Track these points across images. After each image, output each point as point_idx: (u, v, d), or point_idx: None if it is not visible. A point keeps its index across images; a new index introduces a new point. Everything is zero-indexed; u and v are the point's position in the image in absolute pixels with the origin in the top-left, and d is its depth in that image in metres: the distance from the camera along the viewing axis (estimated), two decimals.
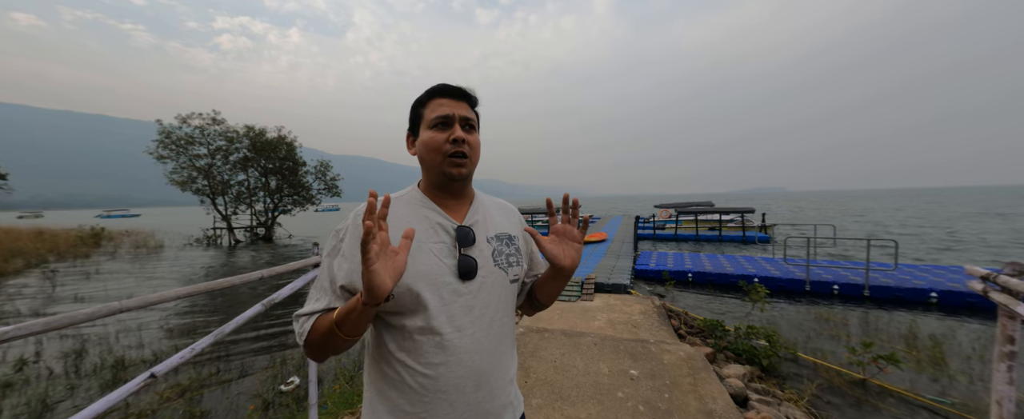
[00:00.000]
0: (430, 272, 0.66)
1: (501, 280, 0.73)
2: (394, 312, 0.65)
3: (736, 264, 8.53)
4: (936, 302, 5.98)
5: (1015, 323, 0.99)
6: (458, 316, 0.66)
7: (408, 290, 0.63)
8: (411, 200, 0.73)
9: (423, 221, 0.70)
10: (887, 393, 3.29)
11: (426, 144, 0.70)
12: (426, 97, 0.72)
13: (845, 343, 4.32)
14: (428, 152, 0.70)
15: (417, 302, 0.64)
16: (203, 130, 19.09)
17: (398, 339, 0.66)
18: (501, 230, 0.78)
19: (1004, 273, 1.00)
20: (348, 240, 0.67)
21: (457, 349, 0.66)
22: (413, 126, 0.74)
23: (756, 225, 16.86)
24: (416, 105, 0.73)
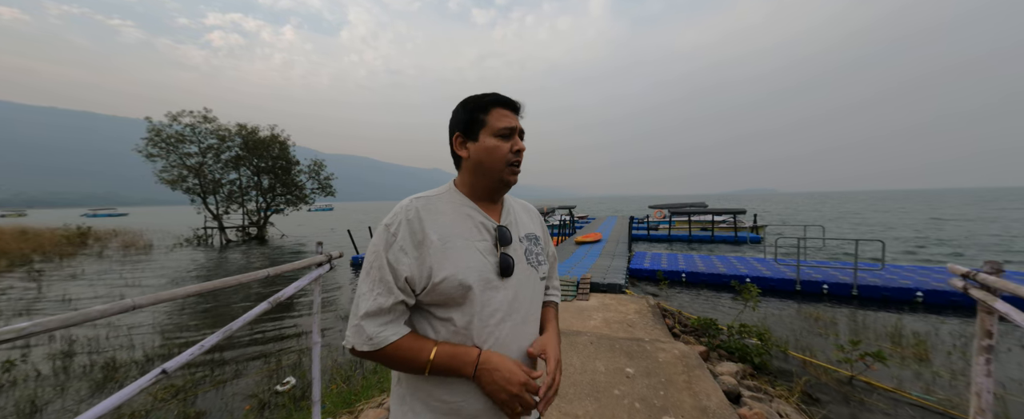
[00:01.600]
0: (478, 267, 0.71)
1: (533, 277, 0.80)
2: (441, 304, 0.70)
3: (728, 264, 8.66)
4: (921, 301, 6.14)
5: (993, 318, 1.05)
6: (500, 309, 0.72)
7: (459, 284, 0.68)
8: (452, 200, 0.77)
9: (467, 220, 0.75)
10: (874, 390, 3.39)
11: (491, 151, 0.74)
12: (489, 104, 0.75)
13: (834, 341, 4.42)
14: (491, 158, 0.74)
15: (465, 295, 0.69)
16: (194, 128, 18.80)
17: (441, 331, 0.70)
18: (529, 230, 0.85)
19: (983, 271, 1.06)
20: (402, 234, 0.69)
21: (499, 341, 0.71)
22: (469, 129, 0.75)
23: (748, 226, 17.10)
24: (474, 109, 0.75)
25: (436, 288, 0.68)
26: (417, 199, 0.74)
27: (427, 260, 0.68)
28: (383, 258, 0.68)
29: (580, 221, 23.62)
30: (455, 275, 0.68)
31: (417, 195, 0.75)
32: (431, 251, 0.69)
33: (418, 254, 0.68)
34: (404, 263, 0.68)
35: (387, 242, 0.69)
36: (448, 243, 0.70)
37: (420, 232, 0.70)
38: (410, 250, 0.68)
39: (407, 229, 0.70)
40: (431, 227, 0.70)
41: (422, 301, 0.71)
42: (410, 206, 0.73)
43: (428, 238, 0.69)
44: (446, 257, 0.69)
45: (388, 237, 0.69)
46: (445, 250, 0.69)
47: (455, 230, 0.72)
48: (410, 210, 0.72)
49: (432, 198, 0.75)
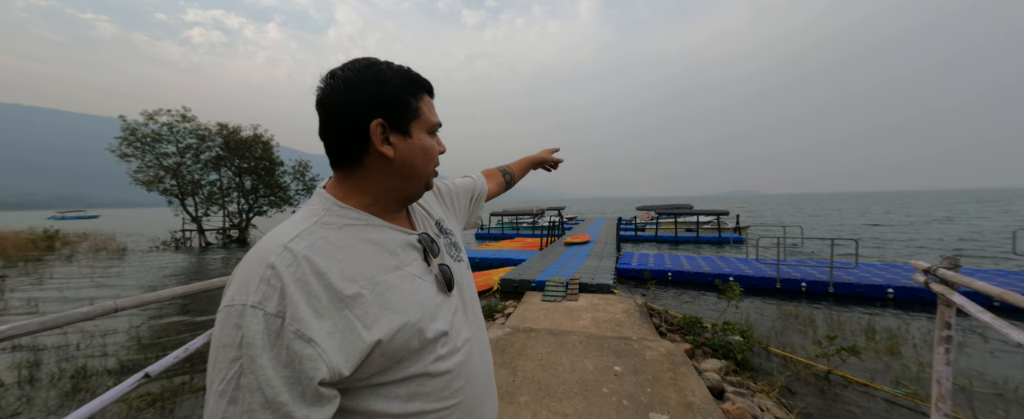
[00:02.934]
0: (426, 298, 0.53)
1: (465, 272, 0.66)
2: (386, 369, 0.48)
3: (712, 264, 8.88)
4: (892, 297, 6.44)
5: (951, 311, 1.13)
6: (461, 330, 0.58)
7: (418, 330, 0.50)
8: (347, 222, 0.52)
9: (385, 243, 0.54)
10: (849, 383, 3.54)
11: (426, 151, 0.56)
12: (418, 89, 0.56)
13: (812, 337, 4.59)
14: (425, 160, 0.57)
15: (423, 338, 0.51)
16: (171, 127, 18.16)
17: (403, 393, 0.50)
18: (437, 216, 0.70)
19: (942, 266, 1.13)
20: (296, 307, 0.42)
21: (469, 364, 0.58)
22: (399, 121, 0.53)
23: (731, 227, 17.58)
24: (404, 93, 0.54)
25: (384, 353, 0.46)
26: (295, 240, 0.46)
27: (355, 325, 0.44)
28: (264, 364, 0.39)
29: (569, 222, 23.82)
30: (409, 322, 0.49)
31: (288, 236, 0.46)
32: (355, 307, 0.45)
33: (336, 323, 0.44)
34: (314, 354, 0.41)
35: (266, 332, 0.40)
36: (375, 286, 0.48)
37: (323, 289, 0.44)
38: (316, 325, 0.42)
39: (301, 294, 0.42)
40: (338, 275, 0.46)
41: (353, 384, 0.47)
42: (288, 256, 0.44)
43: (341, 292, 0.45)
44: (383, 304, 0.48)
45: (265, 323, 0.40)
46: (376, 296, 0.48)
47: (375, 264, 0.50)
48: (293, 262, 0.44)
49: (314, 229, 0.49)
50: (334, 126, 0.52)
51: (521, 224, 22.62)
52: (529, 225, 21.90)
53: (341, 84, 0.51)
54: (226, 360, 0.40)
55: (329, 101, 0.51)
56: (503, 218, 22.68)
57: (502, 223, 22.53)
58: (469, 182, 0.89)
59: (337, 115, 0.51)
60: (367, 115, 0.51)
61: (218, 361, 0.40)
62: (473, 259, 11.01)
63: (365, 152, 0.53)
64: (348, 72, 0.52)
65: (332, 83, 0.51)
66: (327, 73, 0.53)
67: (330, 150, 0.54)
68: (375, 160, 0.53)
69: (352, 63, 0.53)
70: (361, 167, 0.54)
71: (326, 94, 0.51)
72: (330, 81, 0.52)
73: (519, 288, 6.97)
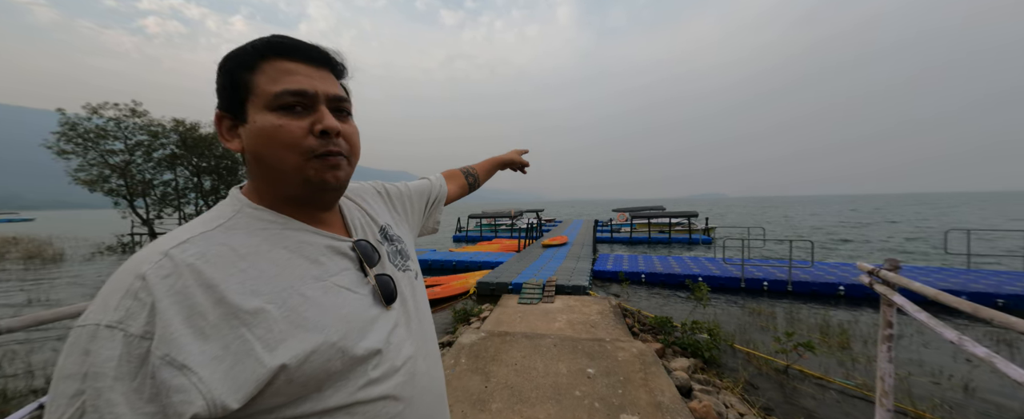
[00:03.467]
0: (354, 312, 0.46)
1: (412, 282, 0.59)
2: (309, 396, 0.41)
3: (683, 264, 9.21)
4: (843, 295, 6.92)
5: (892, 310, 1.20)
6: (401, 347, 0.50)
7: (334, 350, 0.42)
8: (257, 225, 0.45)
9: (305, 249, 0.46)
10: (805, 377, 3.74)
11: (271, 135, 0.43)
12: (256, 55, 0.44)
13: (772, 334, 4.84)
14: (274, 148, 0.43)
15: (347, 358, 0.43)
16: (119, 122, 16.72)
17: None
18: (383, 221, 0.63)
19: (884, 268, 1.21)
20: (167, 325, 0.34)
21: (411, 385, 0.50)
22: (232, 107, 0.45)
23: (700, 228, 18.35)
24: (235, 67, 0.44)
25: (293, 379, 0.39)
26: (181, 246, 0.39)
27: (252, 346, 0.37)
28: (114, 400, 0.32)
29: (547, 224, 24.05)
30: (328, 341, 0.41)
31: (173, 242, 0.39)
32: (256, 325, 0.38)
33: (227, 345, 0.36)
34: (186, 384, 0.33)
35: (125, 358, 0.33)
36: (286, 300, 0.41)
37: (212, 304, 0.37)
38: (196, 348, 0.35)
39: (178, 310, 0.35)
40: (237, 287, 0.39)
41: (254, 417, 0.39)
42: (166, 265, 0.37)
43: (239, 308, 0.38)
44: (295, 321, 0.40)
45: (125, 347, 0.33)
46: (286, 311, 0.40)
47: (289, 274, 0.43)
48: (172, 273, 0.36)
49: (213, 234, 0.41)
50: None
51: (499, 226, 22.57)
52: (507, 227, 21.88)
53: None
54: (66, 396, 0.32)
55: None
56: (481, 220, 22.56)
57: (480, 225, 22.41)
58: (425, 184, 0.83)
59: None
60: (217, 108, 0.46)
61: (57, 397, 0.32)
62: (450, 262, 10.84)
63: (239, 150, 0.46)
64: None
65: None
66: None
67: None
68: (246, 157, 0.46)
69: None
70: (246, 165, 0.48)
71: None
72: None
73: (496, 291, 6.92)
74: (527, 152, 1.11)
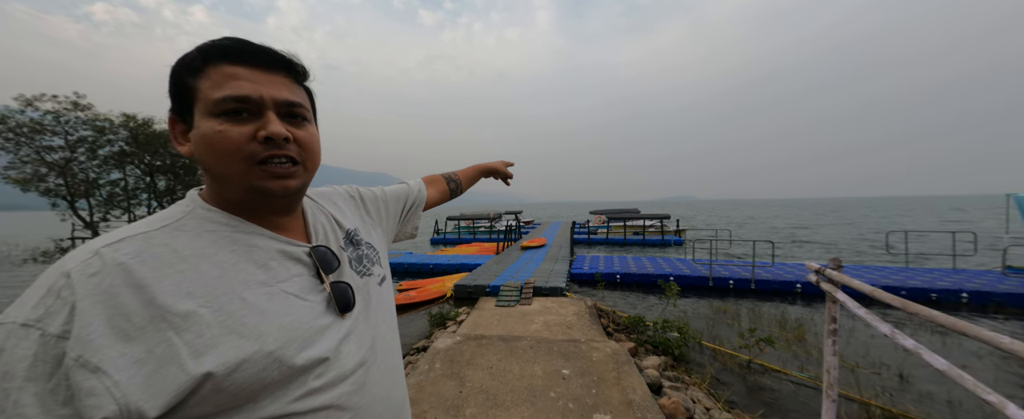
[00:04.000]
0: (298, 321, 0.44)
1: (376, 289, 0.58)
2: (243, 406, 0.39)
3: (656, 265, 9.53)
4: (800, 292, 7.40)
5: (837, 306, 1.30)
6: (352, 356, 0.49)
7: (270, 359, 0.40)
8: (206, 226, 0.44)
9: (254, 253, 0.45)
10: (766, 370, 3.97)
11: (211, 142, 0.42)
12: (202, 59, 0.43)
13: (737, 330, 5.10)
14: (215, 155, 0.42)
15: (285, 368, 0.41)
16: (59, 116, 15.26)
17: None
18: (351, 226, 0.62)
19: (829, 267, 1.30)
20: (85, 325, 0.33)
21: (361, 394, 0.49)
22: (180, 111, 0.45)
23: (672, 230, 19.08)
24: (182, 71, 0.43)
25: (221, 388, 0.37)
26: (115, 245, 0.38)
27: (178, 351, 0.35)
28: (25, 402, 0.31)
29: (526, 226, 24.17)
30: (263, 350, 0.40)
31: (108, 240, 0.38)
32: (185, 329, 0.36)
33: (151, 349, 0.35)
34: (99, 388, 0.32)
35: (39, 359, 0.32)
36: (224, 304, 0.39)
37: (140, 305, 0.35)
38: (116, 350, 0.33)
39: (100, 310, 0.34)
40: (170, 289, 0.37)
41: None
42: (95, 263, 0.36)
43: (169, 310, 0.36)
44: (230, 326, 0.39)
45: (40, 346, 0.32)
46: (221, 316, 0.39)
47: (232, 277, 0.42)
48: (99, 271, 0.35)
49: (156, 234, 0.40)
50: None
51: (478, 228, 22.46)
52: (486, 229, 21.81)
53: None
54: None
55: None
56: (459, 222, 22.36)
57: (458, 228, 22.20)
58: (403, 189, 0.82)
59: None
60: (171, 115, 0.46)
61: None
62: (427, 265, 10.65)
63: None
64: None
65: None
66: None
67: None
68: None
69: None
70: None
71: None
72: None
73: (474, 294, 6.87)
74: (512, 165, 1.14)
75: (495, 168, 1.09)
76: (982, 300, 6.44)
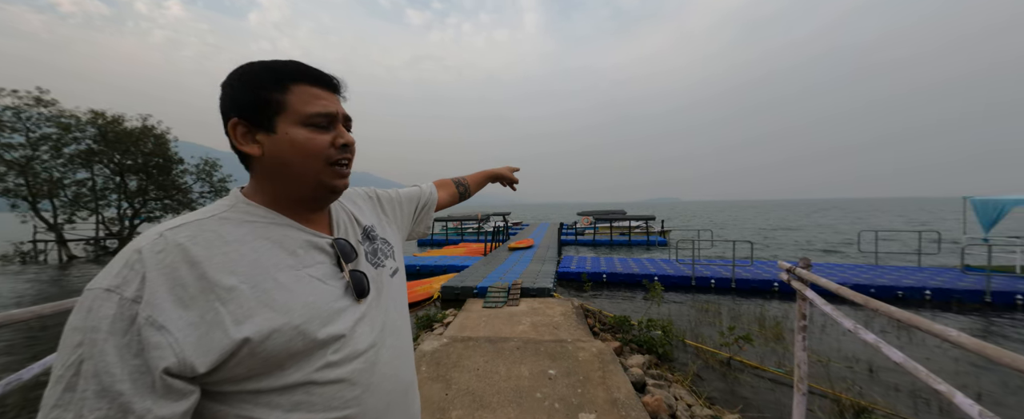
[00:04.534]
0: (320, 301, 0.52)
1: (389, 280, 0.66)
2: (265, 373, 0.46)
3: (641, 265, 9.71)
4: (777, 290, 7.68)
5: (806, 304, 1.36)
6: (364, 337, 0.56)
7: (296, 332, 0.47)
8: (247, 218, 0.52)
9: (281, 243, 0.53)
10: (745, 367, 4.10)
11: (303, 146, 0.52)
12: (287, 79, 0.53)
13: (718, 328, 5.25)
14: (303, 157, 0.53)
15: (308, 340, 0.49)
16: (18, 112, 14.42)
17: (285, 402, 0.47)
18: (368, 222, 0.70)
19: (799, 266, 1.37)
20: (153, 292, 0.41)
21: (371, 372, 0.55)
22: (259, 116, 0.52)
23: (657, 230, 19.47)
24: (262, 85, 0.52)
25: (255, 353, 0.44)
26: (176, 229, 0.46)
27: (223, 318, 0.43)
28: (107, 350, 0.38)
29: (514, 227, 24.20)
30: (290, 323, 0.47)
31: (170, 225, 0.47)
32: (229, 301, 0.44)
33: (203, 315, 0.42)
34: (162, 342, 0.39)
35: (118, 317, 0.39)
36: (259, 282, 0.47)
37: (194, 279, 0.43)
38: (176, 314, 0.41)
39: (164, 281, 0.42)
40: (218, 266, 0.45)
41: (222, 385, 0.45)
42: (160, 243, 0.44)
43: (217, 284, 0.44)
44: (264, 301, 0.46)
45: (119, 307, 0.39)
46: (257, 292, 0.46)
47: (266, 261, 0.49)
48: (164, 249, 0.43)
49: (206, 222, 0.49)
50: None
51: (466, 229, 22.36)
52: (474, 230, 21.74)
53: (222, 90, 0.53)
54: (71, 345, 0.39)
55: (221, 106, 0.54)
56: (447, 224, 22.21)
57: (446, 228, 22.05)
58: (415, 191, 0.91)
59: (224, 119, 0.53)
60: (229, 116, 0.53)
61: (64, 346, 0.39)
62: (414, 266, 10.54)
63: (244, 155, 0.54)
64: (226, 78, 0.53)
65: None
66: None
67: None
68: (255, 162, 0.54)
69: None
70: (251, 170, 0.55)
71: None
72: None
73: (461, 295, 6.84)
74: (518, 169, 1.21)
75: (502, 174, 1.17)
76: (944, 297, 6.83)
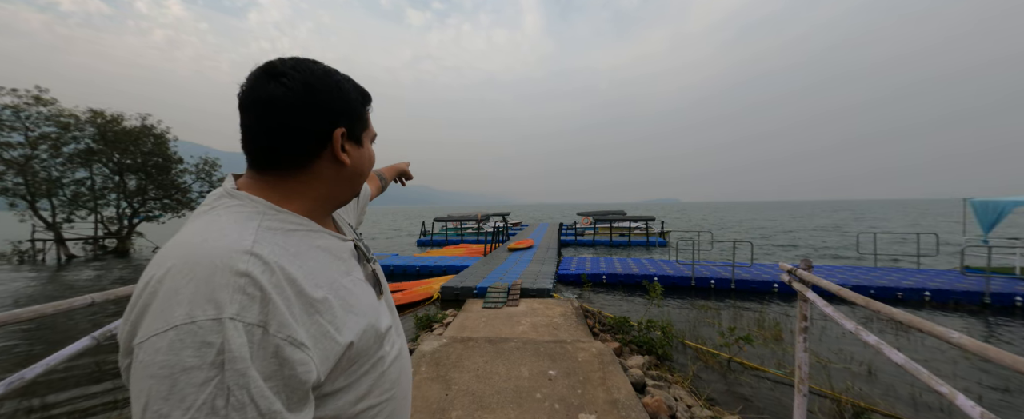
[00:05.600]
0: (371, 301, 0.56)
1: (381, 273, 0.69)
2: (348, 367, 0.50)
3: (641, 266, 9.70)
4: (777, 291, 7.68)
5: (808, 305, 1.36)
6: (395, 327, 0.63)
7: (376, 332, 0.53)
8: (291, 227, 0.50)
9: (332, 249, 0.55)
10: (745, 368, 4.10)
11: (371, 160, 0.61)
12: (367, 100, 0.59)
13: (717, 329, 5.25)
14: (368, 167, 0.60)
15: (379, 336, 0.54)
16: (17, 111, 14.41)
17: (351, 397, 0.50)
18: (350, 226, 0.73)
19: (800, 267, 1.37)
20: (277, 315, 0.40)
21: (401, 357, 0.62)
22: (355, 130, 0.56)
23: (657, 232, 19.47)
24: (357, 102, 0.56)
25: (351, 356, 0.49)
26: (259, 246, 0.43)
27: (327, 329, 0.45)
28: (254, 376, 0.37)
29: (513, 228, 24.18)
30: (371, 323, 0.52)
31: (245, 241, 0.43)
32: (325, 312, 0.46)
33: (308, 329, 0.43)
34: (305, 358, 0.41)
35: (249, 343, 0.38)
36: (338, 290, 0.50)
37: (295, 295, 0.43)
38: (301, 331, 0.42)
39: (280, 301, 0.41)
40: (307, 280, 0.46)
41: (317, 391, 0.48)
42: (259, 264, 0.41)
43: (313, 298, 0.45)
44: (347, 308, 0.50)
45: (246, 334, 0.38)
46: (340, 300, 0.49)
47: (330, 269, 0.51)
48: (266, 269, 0.42)
49: (268, 236, 0.46)
50: (282, 129, 0.49)
51: (465, 230, 22.34)
52: (473, 231, 21.72)
53: (301, 87, 0.49)
54: (191, 385, 0.35)
55: (280, 102, 0.48)
56: (447, 224, 22.19)
57: (446, 229, 22.03)
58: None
59: (290, 118, 0.49)
60: (332, 122, 0.52)
61: (176, 390, 0.35)
62: (414, 267, 10.53)
63: (316, 158, 0.52)
64: (306, 75, 0.50)
65: (287, 83, 0.49)
66: (263, 70, 0.49)
67: (264, 151, 0.51)
68: (327, 166, 0.54)
69: (306, 65, 0.51)
70: (306, 172, 0.53)
71: (274, 94, 0.48)
72: (283, 80, 0.49)
73: (460, 296, 6.83)
74: (409, 164, 1.29)
75: (402, 170, 1.26)
76: (943, 298, 6.83)
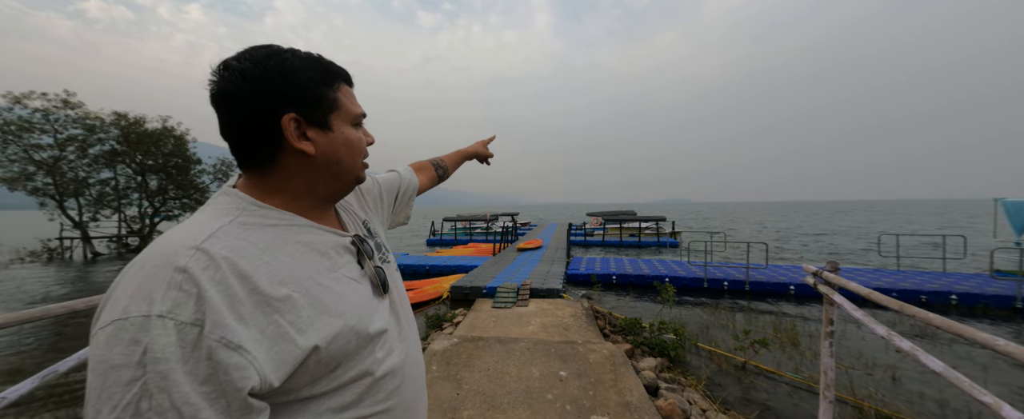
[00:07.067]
0: (362, 301, 0.52)
1: (395, 273, 0.65)
2: (321, 376, 0.46)
3: (652, 266, 9.57)
4: (793, 294, 7.47)
5: (834, 309, 1.31)
6: (396, 329, 0.58)
7: (357, 333, 0.48)
8: (269, 221, 0.48)
9: (316, 244, 0.51)
10: (760, 372, 3.99)
11: (351, 144, 0.53)
12: (333, 79, 0.52)
13: (731, 332, 5.13)
14: (350, 153, 0.54)
15: (362, 338, 0.50)
16: (48, 114, 15.01)
17: (335, 404, 0.47)
18: (360, 221, 0.67)
19: (826, 270, 1.32)
20: (216, 312, 0.37)
21: (406, 364, 0.57)
22: (315, 114, 0.50)
23: (668, 232, 19.20)
24: (317, 84, 0.50)
25: (321, 359, 0.44)
26: (210, 240, 0.41)
27: (286, 330, 0.41)
28: (178, 380, 0.34)
29: (522, 228, 24.17)
30: (348, 325, 0.47)
31: (199, 236, 0.41)
32: (286, 311, 0.42)
33: (263, 330, 0.40)
34: (243, 362, 0.37)
35: (180, 344, 0.35)
36: (308, 289, 0.45)
37: (247, 293, 0.40)
38: (243, 331, 0.38)
39: (221, 298, 0.38)
40: (266, 277, 0.42)
41: (281, 396, 0.44)
42: (203, 258, 0.39)
43: (270, 295, 0.41)
44: (318, 307, 0.45)
45: (178, 334, 0.35)
46: (309, 299, 0.45)
47: (306, 266, 0.47)
48: (210, 265, 0.39)
49: (236, 230, 0.44)
50: (238, 124, 0.48)
51: (475, 230, 22.42)
52: (482, 231, 21.77)
53: (239, 77, 0.46)
54: (118, 384, 0.33)
55: (229, 96, 0.47)
56: (456, 224, 22.29)
57: (455, 229, 22.13)
58: (394, 177, 0.85)
59: (240, 112, 0.47)
60: (277, 110, 0.47)
61: (106, 387, 0.34)
62: (424, 266, 10.60)
63: (280, 150, 0.49)
64: (246, 63, 0.47)
65: (228, 76, 0.46)
66: (220, 64, 0.47)
67: (236, 151, 0.50)
68: (293, 158, 0.50)
69: (250, 52, 0.48)
70: (278, 167, 0.50)
71: (223, 88, 0.47)
72: (225, 73, 0.47)
73: (470, 295, 6.84)
74: (493, 138, 1.17)
75: (476, 151, 1.12)
76: (970, 302, 6.54)
